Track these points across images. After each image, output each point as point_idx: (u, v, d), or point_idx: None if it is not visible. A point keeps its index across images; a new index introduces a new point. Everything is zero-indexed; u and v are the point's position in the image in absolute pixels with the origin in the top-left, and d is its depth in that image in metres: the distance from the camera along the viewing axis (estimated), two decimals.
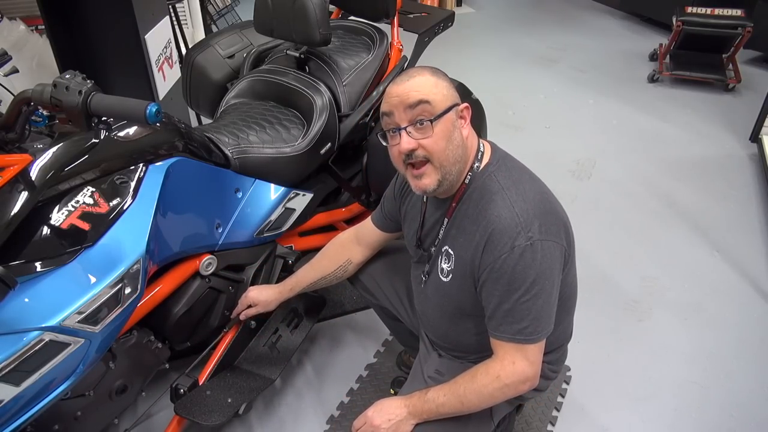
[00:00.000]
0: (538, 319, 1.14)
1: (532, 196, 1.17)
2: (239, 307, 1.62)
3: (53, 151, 1.12)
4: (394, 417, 1.23)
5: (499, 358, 1.18)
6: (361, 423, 1.27)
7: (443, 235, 1.27)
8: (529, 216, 1.13)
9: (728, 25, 3.73)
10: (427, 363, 1.41)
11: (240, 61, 2.06)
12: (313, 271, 1.59)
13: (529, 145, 3.22)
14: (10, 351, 1.01)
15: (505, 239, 1.12)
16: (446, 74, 1.21)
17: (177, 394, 1.53)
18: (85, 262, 1.13)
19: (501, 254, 1.12)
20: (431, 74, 1.17)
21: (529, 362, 1.16)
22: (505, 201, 1.15)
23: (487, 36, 4.99)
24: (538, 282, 1.12)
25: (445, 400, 1.20)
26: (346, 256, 1.56)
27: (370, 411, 1.27)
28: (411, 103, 1.12)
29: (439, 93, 1.14)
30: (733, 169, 3.07)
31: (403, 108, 1.13)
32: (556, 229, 1.16)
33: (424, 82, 1.14)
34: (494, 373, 1.17)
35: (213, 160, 1.53)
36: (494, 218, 1.14)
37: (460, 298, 1.27)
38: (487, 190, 1.18)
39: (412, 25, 2.18)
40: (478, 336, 1.30)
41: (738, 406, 1.83)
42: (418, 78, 1.15)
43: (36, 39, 3.03)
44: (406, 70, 1.19)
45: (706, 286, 2.30)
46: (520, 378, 1.17)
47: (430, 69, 1.19)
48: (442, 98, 1.14)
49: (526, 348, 1.16)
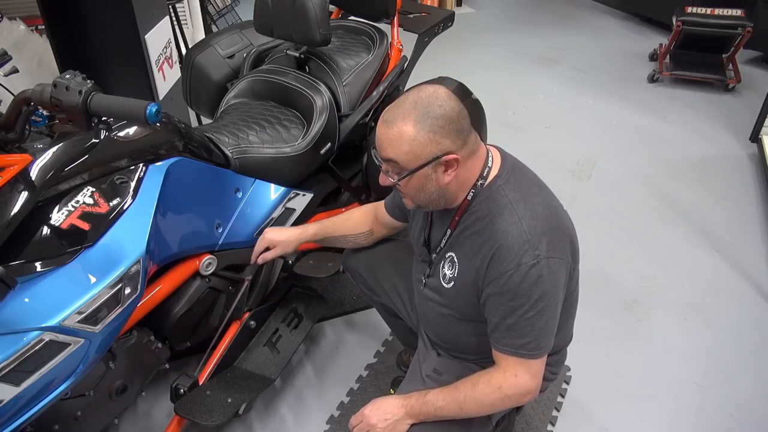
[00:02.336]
0: (542, 335, 1.14)
1: (541, 210, 1.16)
2: (256, 250, 1.56)
3: (53, 151, 1.12)
4: (390, 416, 1.23)
5: (502, 370, 1.18)
6: (358, 421, 1.27)
7: (448, 243, 1.27)
8: (537, 233, 1.12)
9: (728, 25, 3.73)
10: (425, 362, 1.41)
11: (240, 61, 2.06)
12: (338, 228, 1.57)
13: (529, 145, 3.22)
14: (10, 351, 1.01)
15: (512, 256, 1.11)
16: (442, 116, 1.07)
17: (177, 394, 1.53)
18: (85, 262, 1.13)
19: (507, 270, 1.12)
20: (413, 125, 1.07)
21: (531, 375, 1.17)
22: (513, 216, 1.14)
23: (487, 36, 4.99)
24: (543, 299, 1.12)
25: (444, 405, 1.20)
26: (369, 226, 1.57)
27: (366, 409, 1.26)
28: (382, 156, 1.13)
29: (411, 152, 1.08)
30: (733, 169, 3.07)
31: (380, 151, 1.14)
32: (563, 245, 1.16)
33: (400, 138, 1.08)
34: (496, 384, 1.17)
35: (213, 160, 1.53)
36: (502, 234, 1.13)
37: (460, 304, 1.27)
38: (495, 203, 1.16)
39: (412, 25, 2.18)
40: (477, 337, 1.30)
41: (738, 406, 1.83)
42: (397, 129, 1.08)
43: (36, 39, 3.03)
44: (396, 108, 1.10)
45: (706, 286, 2.30)
46: (522, 391, 1.17)
47: (419, 116, 1.07)
48: (413, 158, 1.09)
49: (529, 363, 1.16)
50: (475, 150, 1.15)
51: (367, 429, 1.24)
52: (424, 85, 1.15)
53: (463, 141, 1.11)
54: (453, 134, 1.09)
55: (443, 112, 1.08)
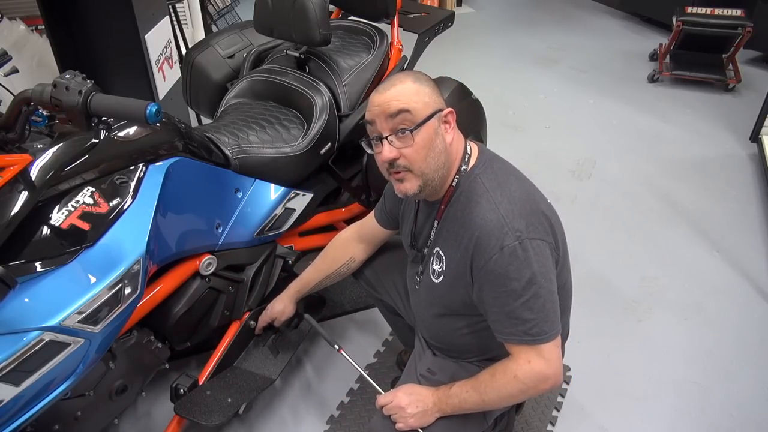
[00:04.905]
0: (543, 318, 1.13)
1: (518, 196, 1.17)
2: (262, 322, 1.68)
3: (53, 151, 1.12)
4: (422, 405, 1.23)
5: (515, 358, 1.17)
6: (388, 400, 1.26)
7: (434, 236, 1.27)
8: (514, 216, 1.13)
9: (728, 25, 3.73)
10: (420, 361, 1.41)
11: (240, 61, 2.06)
12: (317, 272, 1.61)
13: (529, 145, 3.21)
14: (10, 351, 1.01)
15: (493, 241, 1.12)
16: (430, 78, 1.20)
17: (177, 394, 1.53)
18: (85, 262, 1.13)
19: (492, 256, 1.12)
20: (413, 81, 1.15)
21: (545, 360, 1.14)
22: (490, 203, 1.15)
23: (487, 36, 4.99)
24: (535, 280, 1.11)
25: (468, 396, 1.20)
26: (349, 254, 1.57)
27: (400, 391, 1.26)
28: (392, 112, 1.13)
29: (419, 101, 1.13)
30: (733, 169, 3.07)
31: (385, 117, 1.14)
32: (543, 228, 1.17)
33: (405, 90, 1.13)
34: (511, 373, 1.16)
35: (213, 160, 1.53)
36: (480, 221, 1.14)
37: (451, 299, 1.27)
38: (473, 192, 1.18)
39: (412, 25, 2.18)
40: (470, 336, 1.30)
41: (738, 406, 1.83)
42: (399, 86, 1.14)
43: (36, 39, 3.03)
44: (389, 78, 1.17)
45: (706, 286, 2.30)
46: (538, 377, 1.15)
47: (412, 75, 1.17)
48: (423, 106, 1.13)
49: (540, 347, 1.14)
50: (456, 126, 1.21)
51: (397, 411, 1.24)
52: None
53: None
54: (441, 96, 1.18)
55: (428, 79, 1.19)
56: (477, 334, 1.29)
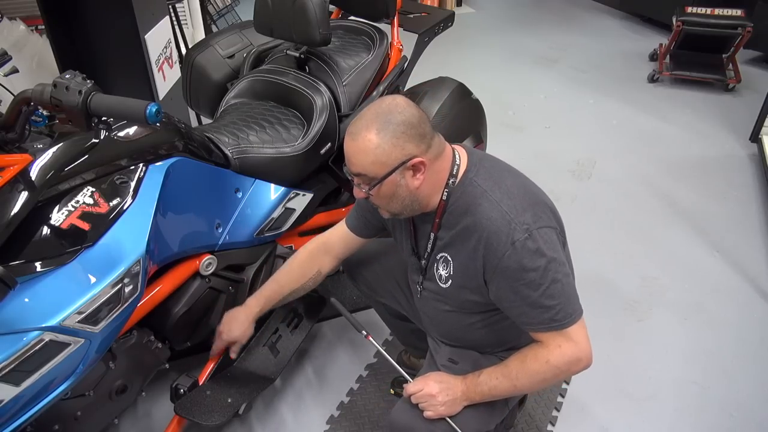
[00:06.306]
0: (566, 302, 1.15)
1: (516, 190, 1.19)
2: (217, 349, 1.58)
3: (53, 151, 1.12)
4: (452, 394, 1.24)
5: (545, 345, 1.18)
6: (418, 388, 1.26)
7: (435, 246, 1.28)
8: (518, 210, 1.15)
9: (728, 25, 3.73)
10: (438, 354, 1.41)
11: (240, 61, 2.06)
12: (281, 287, 1.55)
13: (529, 145, 3.22)
14: (10, 351, 1.01)
15: (502, 238, 1.13)
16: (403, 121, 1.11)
17: (177, 394, 1.53)
18: (85, 262, 1.13)
19: (504, 252, 1.13)
20: (376, 134, 1.10)
21: (575, 342, 1.16)
22: (491, 202, 1.16)
23: (487, 36, 4.99)
24: (551, 267, 1.13)
25: (498, 383, 1.21)
26: (316, 267, 1.53)
27: (430, 379, 1.26)
28: (350, 171, 1.17)
29: (376, 162, 1.12)
30: (733, 169, 3.07)
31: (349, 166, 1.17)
32: (547, 215, 1.19)
33: (365, 149, 1.12)
34: (543, 358, 1.17)
35: (213, 160, 1.53)
36: (485, 222, 1.15)
37: (462, 300, 1.27)
38: (472, 195, 1.19)
39: (412, 25, 2.18)
40: (485, 329, 1.31)
41: (738, 406, 1.83)
42: (360, 143, 1.12)
43: (36, 39, 3.03)
44: (359, 120, 1.14)
45: (706, 286, 2.30)
46: (571, 359, 1.17)
47: (377, 125, 1.11)
48: (380, 167, 1.12)
49: (567, 331, 1.16)
50: (440, 152, 1.18)
51: (427, 399, 1.24)
52: (383, 97, 1.20)
53: (427, 145, 1.14)
54: (416, 139, 1.12)
55: (403, 119, 1.11)
56: (491, 327, 1.30)
